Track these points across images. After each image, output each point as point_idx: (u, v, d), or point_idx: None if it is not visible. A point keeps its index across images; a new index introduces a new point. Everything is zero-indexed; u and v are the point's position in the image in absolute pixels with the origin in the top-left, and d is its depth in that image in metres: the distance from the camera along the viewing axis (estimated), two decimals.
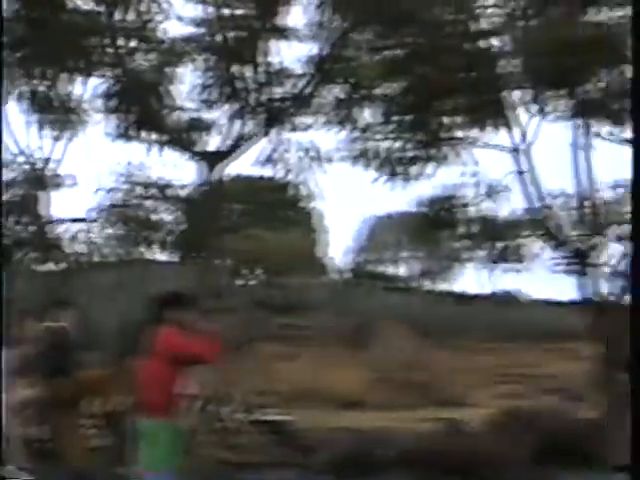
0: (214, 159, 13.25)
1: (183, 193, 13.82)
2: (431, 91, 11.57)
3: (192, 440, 10.88)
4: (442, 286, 41.54)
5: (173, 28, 12.86)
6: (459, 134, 12.25)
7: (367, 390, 17.58)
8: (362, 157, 12.17)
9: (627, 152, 11.16)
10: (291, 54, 11.96)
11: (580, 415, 12.68)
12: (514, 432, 11.46)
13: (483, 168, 12.63)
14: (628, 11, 10.76)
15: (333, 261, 42.07)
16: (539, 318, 27.57)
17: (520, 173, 11.81)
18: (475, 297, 31.70)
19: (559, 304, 30.38)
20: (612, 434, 10.98)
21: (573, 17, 11.03)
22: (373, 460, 11.12)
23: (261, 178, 13.67)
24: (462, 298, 30.86)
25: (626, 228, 12.93)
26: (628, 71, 11.43)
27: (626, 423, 10.75)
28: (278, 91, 12.23)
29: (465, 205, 12.77)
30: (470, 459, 10.76)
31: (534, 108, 11.77)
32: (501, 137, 12.05)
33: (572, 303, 28.45)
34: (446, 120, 12.17)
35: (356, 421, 13.74)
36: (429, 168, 12.39)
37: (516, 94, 11.83)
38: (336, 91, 12.17)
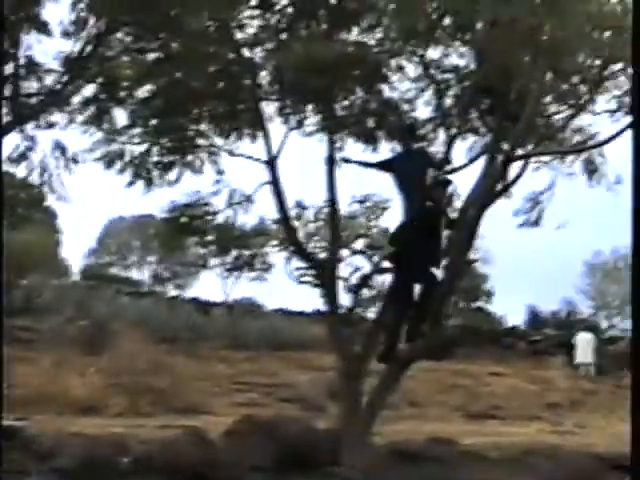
0: None
1: None
2: (186, 97, 11.51)
3: None
4: (182, 292, 41.65)
5: None
6: (212, 141, 12.26)
7: (104, 396, 17.22)
8: (113, 159, 11.94)
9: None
10: (45, 49, 11.51)
11: (318, 424, 12.96)
12: (253, 441, 11.57)
13: (233, 176, 12.72)
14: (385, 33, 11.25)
15: (73, 262, 41.23)
16: (279, 327, 28.05)
17: (269, 184, 11.94)
18: (215, 304, 32.04)
19: (300, 314, 31.16)
20: (348, 443, 11.29)
21: (330, 35, 11.27)
22: (111, 466, 10.91)
23: (4, 175, 13.08)
24: (202, 304, 31.07)
25: (367, 242, 13.38)
26: (385, 90, 11.89)
27: (363, 432, 11.20)
28: (30, 86, 11.74)
29: (211, 213, 12.79)
30: (210, 467, 10.77)
31: (288, 121, 11.95)
32: (254, 147, 12.16)
33: (312, 313, 29.23)
34: (199, 127, 12.15)
35: (93, 427, 13.44)
36: (179, 174, 12.32)
37: (272, 106, 11.97)
38: (89, 90, 11.85)
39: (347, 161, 11.76)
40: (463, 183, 11.41)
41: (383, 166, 11.40)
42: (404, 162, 11.24)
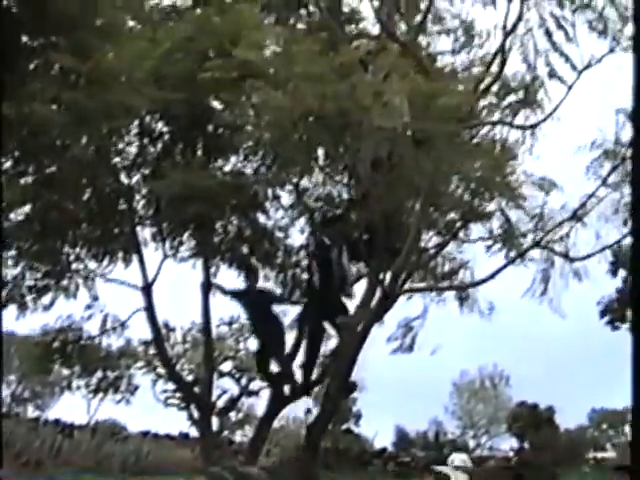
0: None
1: None
2: (62, 220, 11.44)
3: None
4: (43, 413, 40.39)
5: None
6: (87, 266, 12.19)
7: None
8: None
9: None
10: None
11: None
12: None
13: (107, 300, 12.66)
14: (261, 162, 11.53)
15: None
16: (145, 450, 27.47)
17: (144, 310, 11.92)
18: (79, 426, 31.20)
19: (166, 437, 30.62)
20: None
21: (208, 163, 11.47)
22: None
23: None
24: (65, 427, 30.21)
25: (235, 364, 13.41)
26: (259, 217, 12.10)
27: None
28: None
29: (86, 338, 12.66)
30: None
31: (164, 246, 12.00)
32: (129, 271, 12.14)
33: (180, 437, 28.76)
34: (75, 250, 12.07)
35: None
36: (54, 298, 12.17)
37: (147, 232, 12.02)
38: None
39: (217, 288, 11.99)
40: None
41: (235, 295, 11.76)
42: (252, 296, 11.62)
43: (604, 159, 11.31)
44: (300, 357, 11.36)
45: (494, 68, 11.11)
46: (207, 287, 11.89)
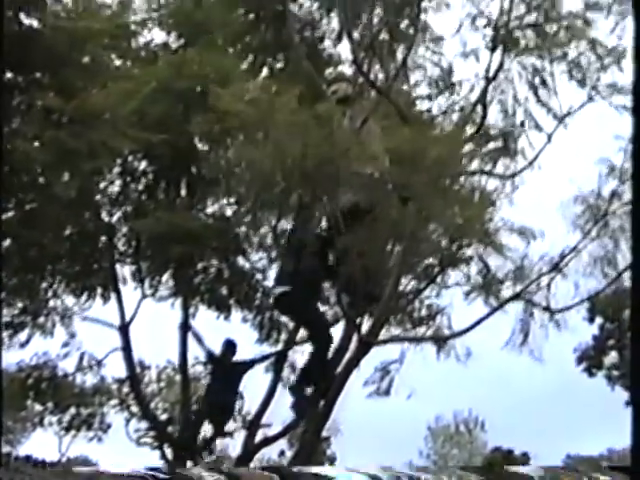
0: None
1: None
2: (41, 256, 11.39)
3: None
4: (14, 449, 39.79)
5: None
6: (65, 304, 12.15)
7: None
8: None
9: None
10: None
11: None
12: None
13: (84, 337, 12.63)
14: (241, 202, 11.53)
15: None
16: None
17: (121, 350, 11.88)
18: (51, 464, 30.81)
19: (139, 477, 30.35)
20: None
21: (191, 203, 11.47)
22: None
23: None
24: (37, 463, 29.86)
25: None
26: (239, 260, 12.08)
27: None
28: None
29: (62, 376, 12.61)
30: None
31: (142, 286, 11.97)
32: (106, 308, 12.12)
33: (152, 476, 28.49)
34: (53, 287, 12.02)
35: None
36: (30, 335, 12.11)
37: (126, 270, 12.00)
38: None
39: (195, 336, 11.96)
40: None
41: (210, 357, 11.89)
42: (225, 366, 11.65)
43: (586, 210, 11.35)
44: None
45: (475, 116, 11.20)
46: (186, 327, 11.86)
